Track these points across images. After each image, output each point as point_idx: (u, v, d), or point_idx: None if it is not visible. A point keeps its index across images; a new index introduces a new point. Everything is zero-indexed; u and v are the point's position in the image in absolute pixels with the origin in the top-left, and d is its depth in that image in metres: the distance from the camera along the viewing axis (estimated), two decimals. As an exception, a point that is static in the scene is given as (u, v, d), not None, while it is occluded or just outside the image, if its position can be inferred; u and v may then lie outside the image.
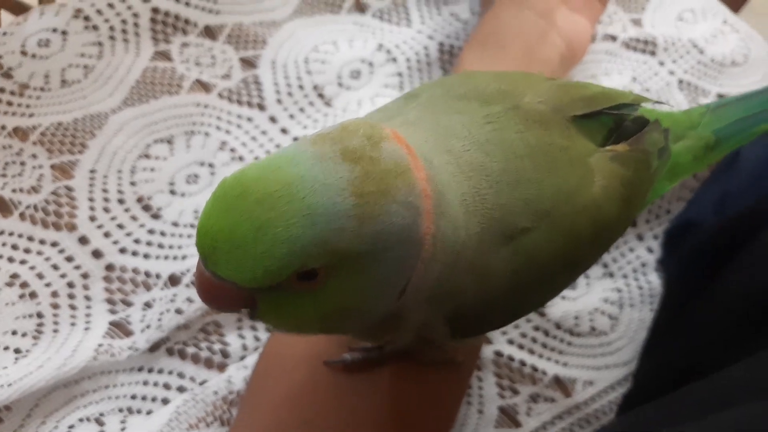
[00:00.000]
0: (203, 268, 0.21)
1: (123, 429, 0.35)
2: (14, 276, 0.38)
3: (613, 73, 0.53)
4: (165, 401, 0.37)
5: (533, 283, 0.28)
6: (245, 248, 0.20)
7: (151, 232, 0.41)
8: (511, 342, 0.43)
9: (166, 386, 0.37)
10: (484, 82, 0.30)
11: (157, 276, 0.40)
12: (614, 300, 0.46)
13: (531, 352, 0.43)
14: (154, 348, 0.38)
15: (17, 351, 0.36)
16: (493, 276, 0.26)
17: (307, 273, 0.21)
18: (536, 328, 0.44)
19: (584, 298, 0.46)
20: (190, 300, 0.39)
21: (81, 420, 0.35)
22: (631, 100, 0.32)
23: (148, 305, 0.39)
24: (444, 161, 0.25)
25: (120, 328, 0.38)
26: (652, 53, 0.54)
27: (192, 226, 0.42)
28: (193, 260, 0.40)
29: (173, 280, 0.40)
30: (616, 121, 0.31)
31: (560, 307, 0.45)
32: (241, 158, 0.44)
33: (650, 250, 0.49)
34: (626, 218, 0.31)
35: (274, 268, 0.20)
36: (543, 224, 0.27)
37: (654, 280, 0.48)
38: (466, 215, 0.25)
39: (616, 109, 0.31)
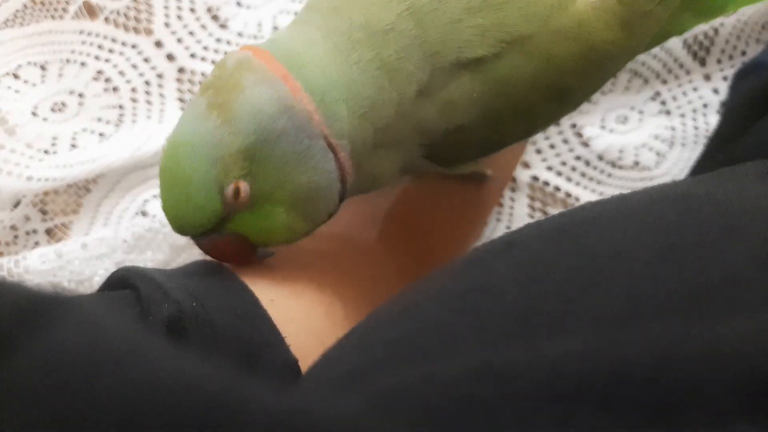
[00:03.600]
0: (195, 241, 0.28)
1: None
2: (99, 72, 0.43)
3: None
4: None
5: (508, 112, 0.28)
6: (181, 207, 0.25)
7: (218, 40, 0.45)
8: (549, 168, 0.45)
9: (227, 178, 0.43)
10: None
11: (222, 81, 0.44)
12: (666, 138, 0.46)
13: (568, 179, 0.45)
14: (217, 144, 0.43)
15: (101, 135, 0.42)
16: (459, 104, 0.27)
17: (233, 192, 0.25)
18: (577, 158, 0.45)
19: (634, 132, 0.46)
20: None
21: (154, 196, 0.41)
22: None
23: (213, 106, 0.43)
24: (329, 28, 0.26)
25: (189, 124, 0.43)
26: None
27: (254, 36, 0.45)
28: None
29: (236, 86, 0.44)
30: None
31: (606, 139, 0.46)
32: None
33: (716, 92, 0.47)
34: (629, 45, 0.29)
35: (204, 203, 0.25)
36: (513, 50, 0.26)
37: (713, 122, 0.47)
38: (366, 67, 0.26)
39: None
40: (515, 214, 0.44)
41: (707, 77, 0.48)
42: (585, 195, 0.45)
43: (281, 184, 0.26)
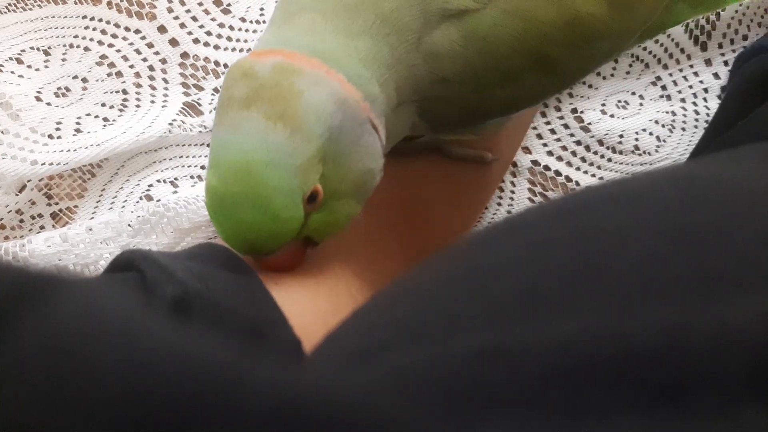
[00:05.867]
0: (260, 258, 0.27)
1: (193, 186, 0.42)
2: (103, 57, 0.43)
3: None
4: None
5: (491, 72, 0.28)
6: (266, 227, 0.25)
7: (221, 25, 0.45)
8: (550, 153, 0.45)
9: (230, 162, 0.43)
10: None
11: (225, 65, 0.44)
12: (666, 122, 0.46)
13: (569, 164, 0.45)
14: (220, 128, 0.43)
15: (105, 119, 0.42)
16: (443, 55, 0.27)
17: (310, 197, 0.25)
18: (578, 143, 0.46)
19: (634, 117, 0.46)
20: (252, 89, 0.43)
21: (159, 181, 0.42)
22: None
23: (216, 90, 0.44)
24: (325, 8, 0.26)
25: (192, 109, 0.43)
26: None
27: (257, 21, 0.45)
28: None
29: (238, 70, 0.44)
30: None
31: (606, 123, 0.46)
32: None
33: (717, 76, 0.48)
34: (619, 25, 0.29)
35: (290, 216, 0.25)
36: (495, 6, 0.27)
37: (714, 107, 0.47)
38: (368, 38, 0.26)
39: None
40: (516, 198, 0.44)
41: (708, 62, 0.48)
42: (585, 179, 0.45)
43: (345, 177, 0.26)
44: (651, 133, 0.46)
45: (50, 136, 0.41)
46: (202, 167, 0.43)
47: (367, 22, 0.26)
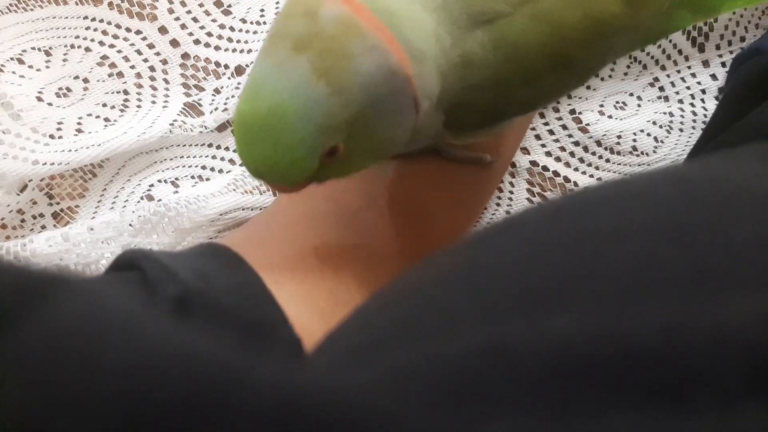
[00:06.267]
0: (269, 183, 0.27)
1: (193, 186, 0.42)
2: (104, 57, 0.43)
3: None
4: (230, 174, 0.43)
5: (516, 76, 0.28)
6: (281, 167, 0.25)
7: (221, 26, 0.45)
8: (548, 154, 0.46)
9: (231, 161, 0.43)
10: None
11: (226, 66, 0.44)
12: (664, 123, 0.47)
13: (567, 164, 0.46)
14: (221, 128, 0.43)
15: (106, 120, 0.42)
16: (473, 61, 0.27)
17: (330, 152, 0.25)
18: (576, 143, 0.46)
19: (632, 118, 0.47)
20: (252, 89, 0.43)
21: (160, 181, 0.42)
22: None
23: (217, 91, 0.44)
24: None
25: (193, 109, 0.44)
26: None
27: (257, 23, 0.45)
28: (256, 54, 0.44)
29: (239, 71, 0.44)
30: None
31: (605, 124, 0.46)
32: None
33: (715, 77, 0.48)
34: (632, 22, 0.29)
35: (305, 165, 0.25)
36: (522, 10, 0.27)
37: (711, 108, 0.47)
38: (437, 17, 0.26)
39: None
40: (515, 198, 0.45)
41: (705, 63, 0.48)
42: (583, 180, 0.45)
43: (369, 138, 0.26)
44: (649, 134, 0.46)
45: (51, 136, 0.42)
46: (203, 167, 0.43)
47: (440, 6, 0.26)
